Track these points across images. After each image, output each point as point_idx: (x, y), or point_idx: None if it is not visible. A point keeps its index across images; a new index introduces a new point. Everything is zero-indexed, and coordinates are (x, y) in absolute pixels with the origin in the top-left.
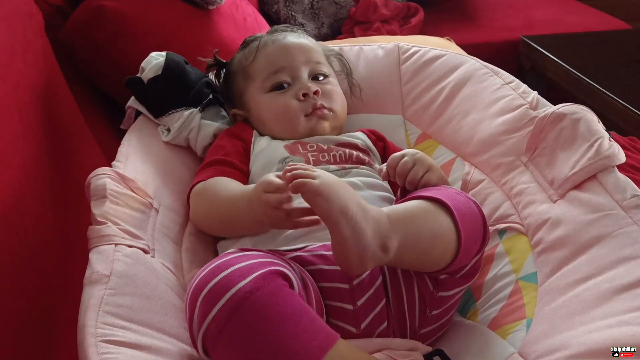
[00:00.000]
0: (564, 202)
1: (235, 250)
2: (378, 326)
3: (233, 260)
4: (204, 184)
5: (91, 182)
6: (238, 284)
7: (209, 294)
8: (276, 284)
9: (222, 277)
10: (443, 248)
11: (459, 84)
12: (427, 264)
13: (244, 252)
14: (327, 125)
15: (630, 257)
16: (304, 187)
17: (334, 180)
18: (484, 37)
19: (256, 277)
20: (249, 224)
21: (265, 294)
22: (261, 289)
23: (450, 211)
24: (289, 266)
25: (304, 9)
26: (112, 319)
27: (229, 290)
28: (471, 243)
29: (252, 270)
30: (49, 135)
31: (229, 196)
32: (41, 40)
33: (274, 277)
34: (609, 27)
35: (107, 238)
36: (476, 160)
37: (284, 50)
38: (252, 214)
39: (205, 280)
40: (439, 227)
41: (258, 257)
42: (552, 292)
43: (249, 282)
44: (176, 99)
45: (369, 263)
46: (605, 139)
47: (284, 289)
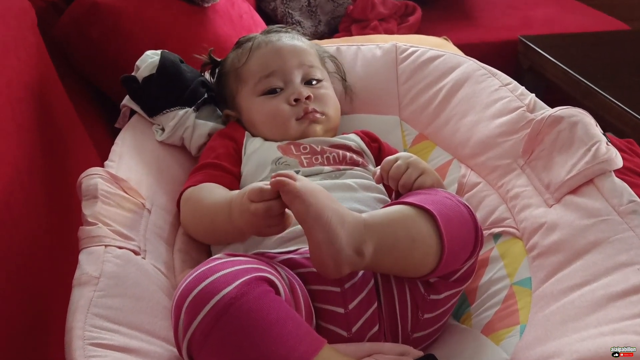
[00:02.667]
0: (560, 206)
1: (222, 255)
2: (369, 330)
3: (218, 267)
4: (191, 190)
5: (82, 182)
6: (223, 290)
7: (193, 301)
8: (261, 290)
9: (207, 284)
10: (424, 252)
11: (456, 85)
12: (409, 269)
13: (230, 258)
14: (319, 128)
15: (626, 264)
16: (285, 186)
17: (315, 187)
18: (482, 37)
19: (241, 284)
20: (231, 234)
21: (250, 300)
22: (246, 295)
23: (432, 215)
24: (275, 271)
25: (301, 7)
26: (100, 322)
27: (213, 296)
28: (458, 247)
29: (237, 276)
30: (41, 133)
31: (211, 205)
32: (34, 37)
33: (259, 283)
34: (607, 28)
35: (97, 239)
36: (472, 163)
37: (277, 53)
38: (231, 225)
39: (190, 287)
40: (417, 232)
41: (244, 263)
42: (546, 298)
43: (234, 288)
44: (171, 98)
45: (345, 267)
46: (603, 143)
47: (269, 294)
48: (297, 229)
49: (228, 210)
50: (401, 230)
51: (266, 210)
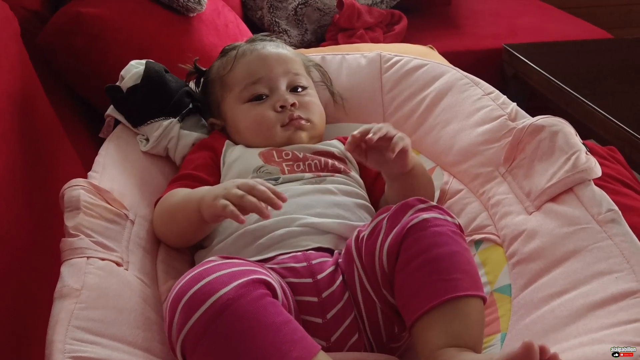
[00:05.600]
0: (540, 214)
1: (217, 257)
2: (349, 339)
3: (215, 268)
4: (164, 197)
5: (65, 194)
6: (219, 291)
7: (189, 301)
8: (258, 292)
9: (203, 284)
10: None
11: (440, 94)
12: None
13: (226, 260)
14: (305, 135)
15: (605, 272)
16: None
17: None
18: (468, 45)
19: (238, 285)
20: (192, 222)
21: (247, 303)
22: (242, 298)
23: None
24: (270, 275)
25: (288, 15)
26: (81, 334)
27: (210, 297)
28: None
29: (234, 278)
30: (24, 144)
31: (180, 196)
32: (17, 46)
33: (256, 286)
34: (591, 36)
35: (79, 251)
36: (455, 170)
37: (262, 61)
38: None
39: (186, 287)
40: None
41: (240, 265)
42: (526, 306)
43: (231, 289)
44: (155, 109)
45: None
46: (583, 153)
47: (266, 298)
48: (274, 235)
49: (200, 197)
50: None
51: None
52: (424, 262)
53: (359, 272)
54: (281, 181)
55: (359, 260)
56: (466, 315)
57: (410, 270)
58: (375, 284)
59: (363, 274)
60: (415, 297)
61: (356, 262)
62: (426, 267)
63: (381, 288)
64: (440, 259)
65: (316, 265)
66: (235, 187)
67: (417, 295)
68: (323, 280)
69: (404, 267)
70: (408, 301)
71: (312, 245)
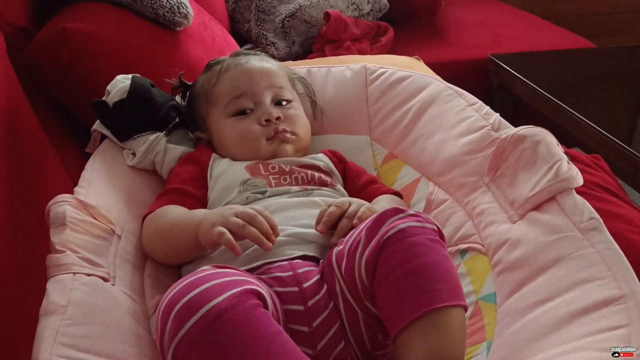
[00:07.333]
0: (524, 222)
1: (210, 266)
2: (335, 347)
3: (208, 277)
4: (153, 213)
5: (51, 210)
6: (212, 301)
7: (182, 310)
8: (250, 303)
9: (196, 293)
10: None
11: (424, 105)
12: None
13: (218, 270)
14: (290, 148)
15: (587, 280)
16: None
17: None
18: (454, 55)
19: (231, 296)
20: (187, 246)
21: (239, 313)
22: (235, 308)
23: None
24: (261, 285)
25: (275, 28)
26: (67, 351)
27: (203, 306)
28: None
29: (227, 288)
30: (11, 159)
31: (175, 217)
32: (3, 62)
33: (248, 296)
34: (574, 46)
35: (65, 267)
36: (440, 180)
37: (246, 75)
38: (194, 240)
39: (179, 296)
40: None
41: (233, 275)
42: (512, 314)
43: (224, 300)
44: (142, 123)
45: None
46: (564, 162)
47: (258, 309)
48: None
49: (197, 222)
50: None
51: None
52: (402, 274)
53: (340, 284)
54: (268, 194)
55: (339, 272)
56: (446, 326)
57: (389, 283)
58: (357, 296)
59: (344, 285)
60: (395, 310)
61: (337, 274)
62: (405, 279)
63: (363, 300)
64: (418, 271)
65: (302, 274)
66: (233, 215)
67: (396, 308)
68: (309, 289)
69: (383, 280)
70: (389, 315)
71: (297, 254)
